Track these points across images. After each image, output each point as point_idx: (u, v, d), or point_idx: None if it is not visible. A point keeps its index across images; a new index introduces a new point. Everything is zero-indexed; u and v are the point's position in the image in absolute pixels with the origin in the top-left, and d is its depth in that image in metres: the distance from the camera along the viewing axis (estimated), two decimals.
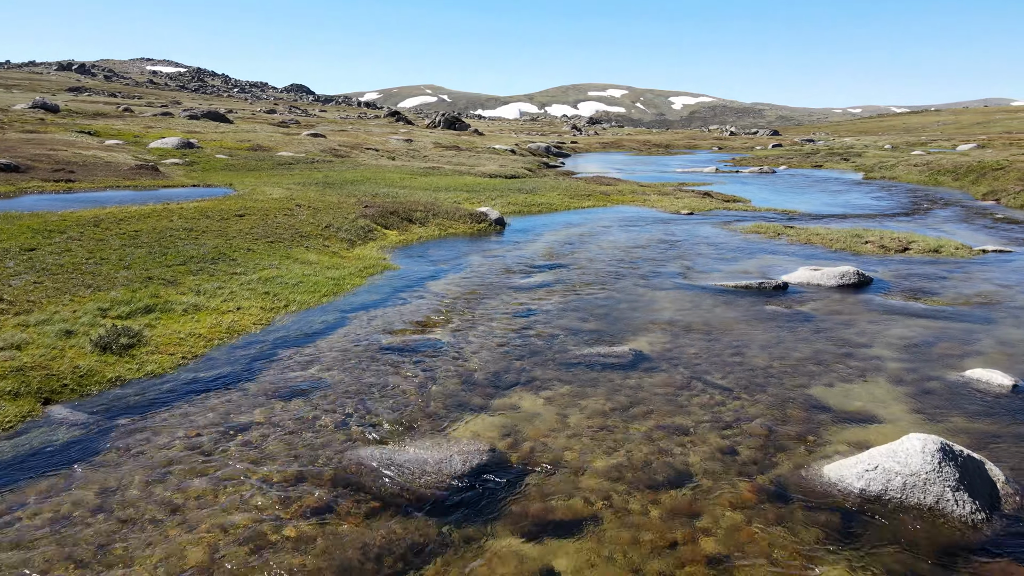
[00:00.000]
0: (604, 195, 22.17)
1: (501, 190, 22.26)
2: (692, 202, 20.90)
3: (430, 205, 16.98)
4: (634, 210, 19.71)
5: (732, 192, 25.53)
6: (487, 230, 15.87)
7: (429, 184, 22.94)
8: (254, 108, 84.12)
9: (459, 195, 20.30)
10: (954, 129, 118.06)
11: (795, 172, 36.41)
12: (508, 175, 28.73)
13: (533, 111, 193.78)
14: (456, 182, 23.92)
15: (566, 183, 25.16)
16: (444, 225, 15.71)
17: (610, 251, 13.40)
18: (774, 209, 20.27)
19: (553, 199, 20.79)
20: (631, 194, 22.77)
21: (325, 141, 36.79)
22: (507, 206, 19.22)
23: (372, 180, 23.21)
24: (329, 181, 22.14)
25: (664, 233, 15.65)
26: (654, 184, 27.33)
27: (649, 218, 18.13)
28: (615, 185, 25.32)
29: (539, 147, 48.95)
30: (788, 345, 7.79)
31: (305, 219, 14.15)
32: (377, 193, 19.29)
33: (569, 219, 17.80)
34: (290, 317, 8.52)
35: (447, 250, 13.47)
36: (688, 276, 11.26)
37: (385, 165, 29.85)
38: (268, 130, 41.81)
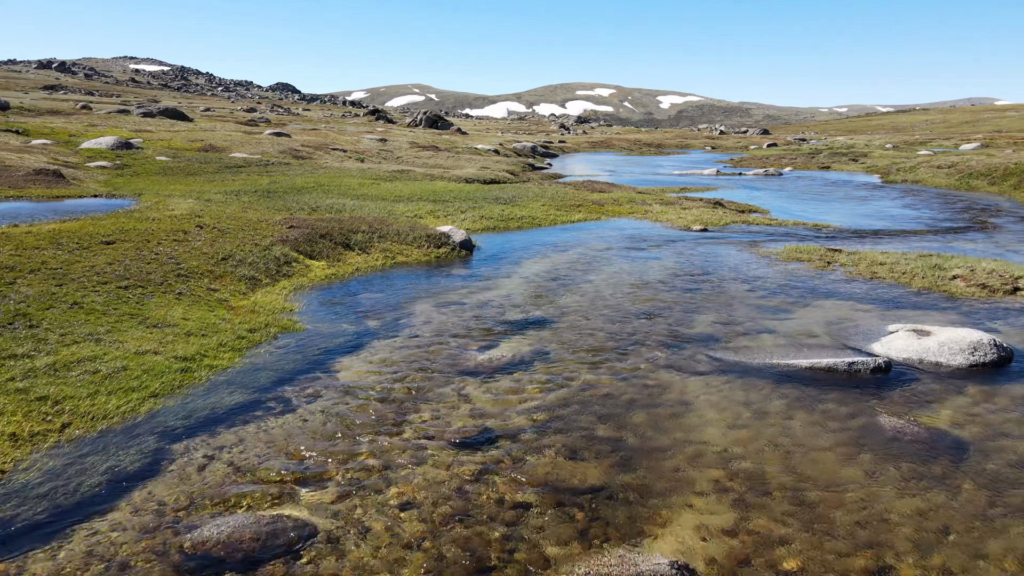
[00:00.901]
0: (597, 205, 18.36)
1: (475, 199, 18.41)
2: (703, 214, 17.14)
3: (379, 223, 13.11)
4: (634, 225, 15.91)
5: (743, 199, 21.82)
6: (449, 257, 12.02)
7: (391, 192, 19.07)
8: (234, 107, 79.78)
9: (423, 207, 16.43)
10: (943, 128, 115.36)
11: (803, 174, 32.77)
12: (487, 180, 24.85)
13: (521, 110, 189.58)
14: (424, 189, 20.05)
15: (553, 190, 21.34)
16: (392, 251, 11.84)
17: (611, 292, 9.60)
18: (802, 223, 16.53)
19: (537, 211, 16.97)
20: (629, 203, 18.98)
21: (288, 141, 32.79)
22: (480, 221, 15.38)
23: (324, 187, 19.31)
24: (272, 189, 18.23)
25: (678, 260, 11.86)
26: (653, 190, 23.57)
27: (655, 236, 14.34)
28: (609, 192, 21.52)
29: (525, 147, 45.10)
30: (964, 540, 4.01)
31: (199, 247, 10.25)
32: (319, 206, 15.39)
33: (556, 238, 13.99)
34: (43, 461, 4.64)
35: (387, 292, 9.61)
36: (730, 341, 7.45)
37: (348, 168, 25.92)
38: (230, 129, 37.72)
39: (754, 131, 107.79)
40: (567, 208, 17.70)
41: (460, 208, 16.68)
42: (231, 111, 66.68)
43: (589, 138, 68.99)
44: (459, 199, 18.34)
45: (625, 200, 19.51)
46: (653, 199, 20.00)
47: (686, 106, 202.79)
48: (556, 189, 21.53)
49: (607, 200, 19.34)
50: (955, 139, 70.64)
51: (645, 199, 19.84)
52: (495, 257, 12.14)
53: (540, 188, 21.61)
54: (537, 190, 20.83)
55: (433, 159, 33.78)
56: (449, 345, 7.33)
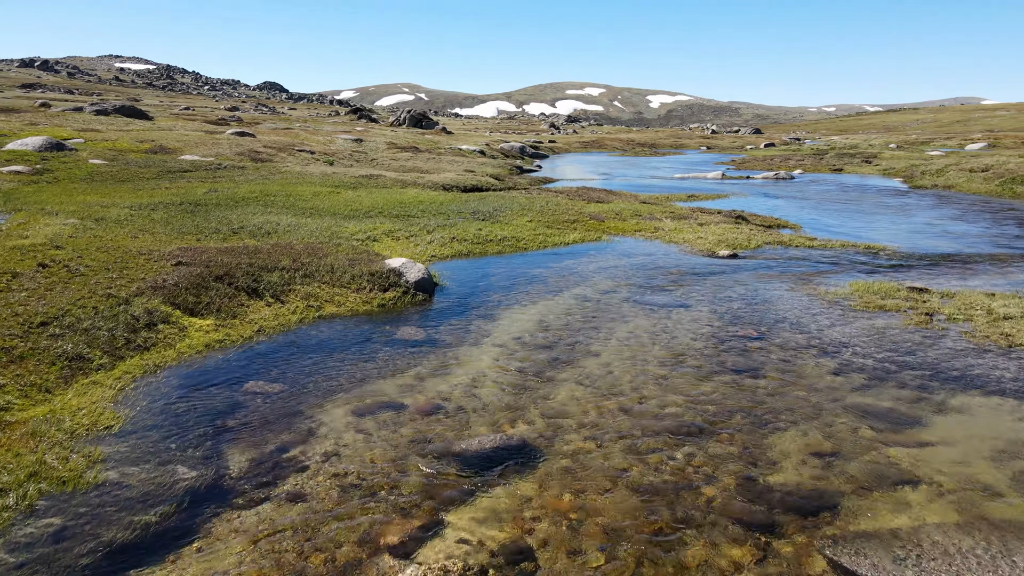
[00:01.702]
0: (596, 221, 14.93)
1: (449, 213, 14.95)
2: (726, 232, 13.74)
3: (310, 253, 9.62)
4: (645, 248, 12.49)
5: (762, 210, 18.48)
6: (399, 305, 8.54)
7: (349, 204, 15.58)
8: (217, 105, 75.84)
9: (381, 225, 12.94)
10: (935, 127, 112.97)
11: (815, 178, 29.47)
12: (467, 186, 21.37)
13: (511, 109, 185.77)
14: (390, 200, 16.57)
15: (542, 199, 17.90)
16: (319, 297, 8.36)
17: (631, 379, 6.16)
18: (849, 243, 13.16)
19: (523, 229, 13.52)
20: (634, 217, 15.56)
21: (250, 142, 29.17)
22: (450, 245, 11.92)
23: (270, 198, 15.81)
24: (203, 201, 14.73)
25: (715, 309, 8.44)
26: (657, 198, 20.17)
27: (674, 266, 10.93)
28: (608, 202, 18.11)
29: (513, 147, 41.61)
30: None
31: (16, 301, 6.73)
32: (245, 226, 11.88)
33: (547, 269, 10.55)
34: None
35: (289, 379, 6.12)
36: (852, 521, 4.07)
37: (310, 173, 22.39)
38: (192, 128, 33.98)
39: (746, 130, 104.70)
40: (560, 225, 14.26)
41: (427, 226, 13.20)
42: (212, 109, 62.76)
43: (580, 138, 65.56)
44: (429, 213, 14.87)
45: (629, 213, 16.09)
46: (661, 211, 16.59)
47: (676, 105, 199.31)
48: (546, 199, 18.08)
49: (607, 213, 15.91)
50: (956, 139, 67.66)
51: (652, 211, 16.41)
52: (463, 304, 8.68)
53: (528, 198, 18.16)
54: (524, 200, 17.37)
55: (411, 161, 30.25)
56: (355, 530, 3.89)
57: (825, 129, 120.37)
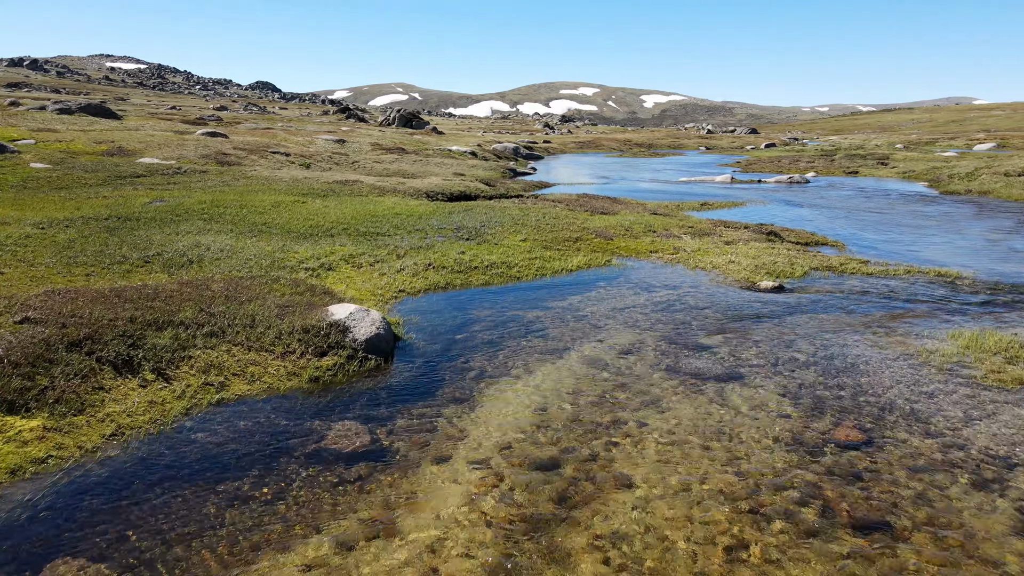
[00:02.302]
0: (603, 239, 12.39)
1: (427, 230, 12.40)
2: (761, 253, 11.23)
3: (230, 296, 7.07)
4: (667, 277, 9.98)
5: (787, 220, 16.02)
6: (340, 378, 5.98)
7: (311, 217, 13.04)
8: (207, 104, 73.03)
9: (340, 248, 10.38)
10: (930, 127, 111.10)
11: (832, 182, 27.01)
12: (454, 194, 18.80)
13: (505, 109, 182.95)
14: (361, 212, 14.02)
15: (539, 210, 15.37)
16: (225, 369, 5.81)
17: (685, 552, 3.71)
18: (914, 268, 10.65)
19: (515, 251, 10.98)
20: (647, 234, 13.04)
21: (220, 143, 26.52)
22: (424, 275, 9.37)
23: (220, 209, 13.26)
24: (138, 214, 12.19)
25: (784, 385, 5.91)
26: (668, 206, 17.66)
27: (709, 306, 8.42)
28: (615, 213, 15.60)
29: (506, 148, 39.04)
30: None
31: None
32: (168, 251, 9.30)
33: (545, 312, 8.02)
34: None
35: (129, 543, 3.63)
36: None
37: (279, 178, 19.80)
38: (161, 128, 31.25)
39: (742, 130, 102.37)
40: (560, 244, 11.72)
41: (399, 248, 10.65)
42: (199, 109, 59.91)
43: (576, 138, 63.03)
44: (405, 229, 12.33)
45: (641, 228, 13.56)
46: (678, 225, 14.06)
47: (670, 105, 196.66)
48: (543, 209, 15.54)
49: (615, 228, 13.38)
50: (961, 139, 65.38)
51: (668, 226, 13.89)
52: (431, 374, 6.14)
53: (522, 208, 15.61)
54: (517, 212, 14.83)
55: (395, 164, 27.66)
56: None
57: (821, 129, 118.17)
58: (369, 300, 8.22)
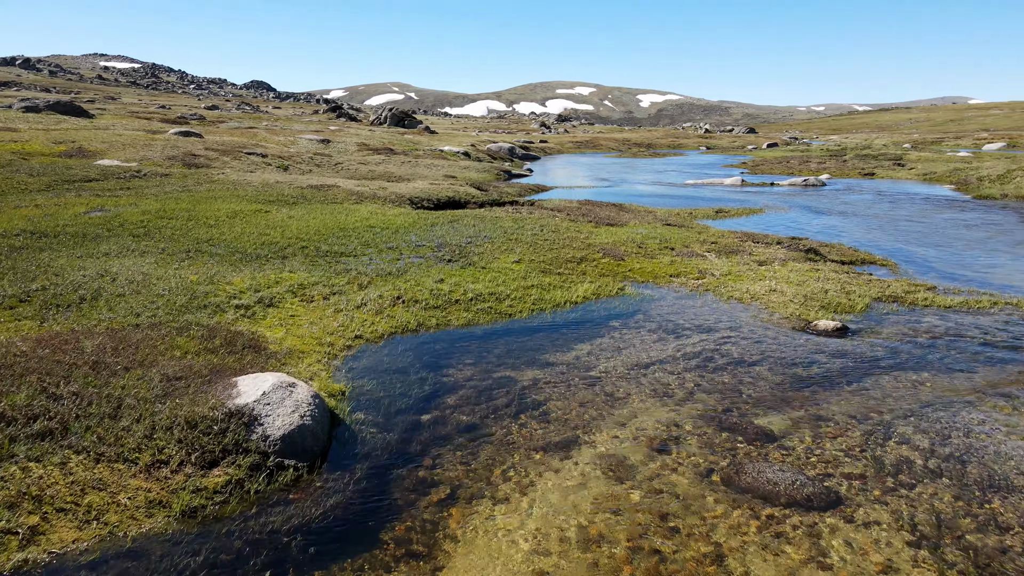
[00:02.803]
0: (613, 258, 10.27)
1: (403, 247, 10.28)
2: (805, 278, 9.14)
3: (103, 364, 4.94)
4: (696, 312, 7.88)
5: (818, 231, 13.96)
6: (231, 506, 3.90)
7: (267, 232, 10.91)
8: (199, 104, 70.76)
9: (291, 276, 8.25)
10: (928, 126, 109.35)
11: (850, 184, 24.94)
12: (441, 200, 16.65)
13: (501, 109, 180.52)
14: (329, 224, 11.90)
15: (536, 222, 13.26)
16: (48, 500, 3.69)
17: None
18: (1001, 299, 8.58)
19: (507, 275, 8.87)
20: (664, 250, 10.93)
21: (192, 144, 24.33)
22: (389, 312, 7.26)
23: (165, 222, 11.15)
24: (66, 228, 10.08)
25: (903, 514, 3.85)
26: (680, 214, 15.56)
27: (758, 357, 6.34)
28: (623, 224, 13.51)
29: (501, 149, 36.90)
30: None
31: None
32: (58, 283, 7.14)
33: (544, 373, 5.91)
34: None
35: None
36: None
37: (248, 183, 17.66)
38: (134, 127, 28.99)
39: (739, 129, 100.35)
40: (562, 267, 9.60)
41: (364, 274, 8.53)
42: (190, 108, 57.57)
43: (573, 137, 60.88)
44: (376, 247, 10.21)
45: (655, 243, 11.44)
46: (697, 239, 11.96)
47: (666, 104, 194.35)
48: (541, 220, 13.43)
49: (626, 244, 11.26)
50: (966, 138, 63.42)
51: (687, 241, 11.77)
52: (377, 497, 4.04)
53: (516, 219, 13.48)
54: (511, 224, 12.71)
55: (382, 166, 25.51)
56: None
57: (818, 128, 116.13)
58: (312, 354, 6.12)
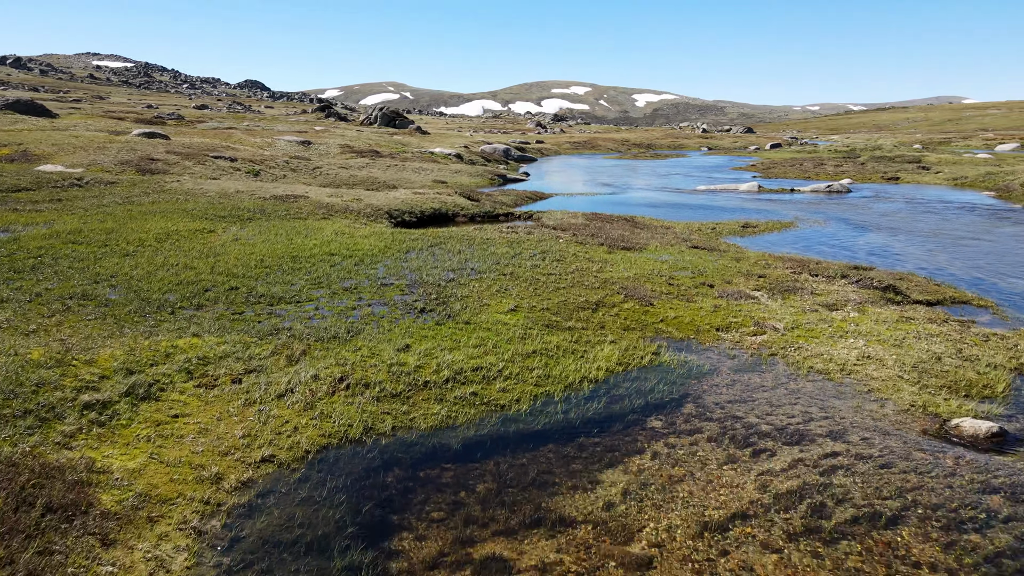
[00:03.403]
0: (637, 300, 7.78)
1: (364, 288, 7.78)
2: (901, 333, 6.69)
3: None
4: (767, 394, 5.43)
5: (868, 253, 11.55)
6: None
7: (196, 262, 8.41)
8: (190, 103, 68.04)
9: (190, 342, 5.76)
10: (927, 126, 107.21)
11: (875, 190, 22.53)
12: (424, 213, 14.13)
13: (496, 108, 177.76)
14: (281, 249, 9.40)
15: (536, 244, 10.77)
16: None
17: None
18: None
19: (499, 335, 6.40)
20: (701, 289, 8.45)
21: (155, 146, 21.76)
22: (326, 406, 4.78)
23: (71, 246, 8.68)
24: None
25: None
26: (702, 228, 13.12)
27: (894, 500, 3.90)
28: (643, 249, 11.02)
29: (496, 150, 34.37)
30: None
31: None
32: None
33: (562, 550, 3.51)
34: None
35: None
36: None
37: (203, 192, 15.13)
38: (97, 128, 26.34)
39: (737, 129, 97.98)
40: (573, 317, 7.12)
41: (298, 337, 6.03)
42: (178, 107, 54.83)
43: (570, 138, 58.36)
44: (329, 287, 7.72)
45: (687, 276, 8.97)
46: (737, 270, 9.49)
47: (661, 104, 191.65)
48: (543, 243, 10.95)
49: (652, 280, 8.78)
50: (975, 139, 61.13)
51: (726, 272, 9.29)
52: None
53: (513, 243, 10.98)
54: (506, 250, 10.21)
55: (364, 171, 22.99)
56: None
57: (816, 128, 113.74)
58: (179, 506, 3.66)
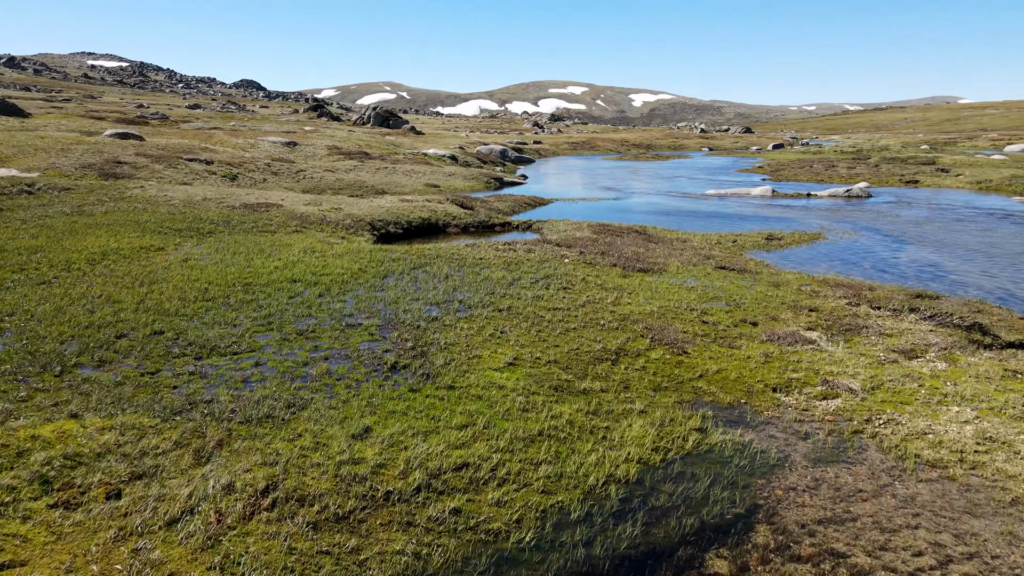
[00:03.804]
0: (668, 347, 6.16)
1: (320, 335, 6.14)
2: (1015, 399, 5.16)
3: None
4: (863, 503, 3.82)
5: (916, 272, 9.95)
6: None
7: (121, 293, 6.73)
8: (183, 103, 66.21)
9: (62, 427, 4.09)
10: (925, 126, 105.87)
11: (897, 195, 20.95)
12: (411, 223, 12.48)
13: (493, 108, 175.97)
14: (236, 273, 7.74)
15: (537, 267, 9.14)
16: None
17: None
18: None
19: (491, 406, 4.75)
20: (742, 328, 6.83)
21: (124, 148, 20.05)
22: (233, 543, 3.20)
23: None
24: None
25: None
26: (724, 242, 11.52)
27: None
28: (663, 271, 9.38)
29: (492, 151, 32.73)
30: None
31: None
32: None
33: None
34: None
35: None
36: None
37: (169, 199, 13.46)
38: (68, 128, 24.60)
39: (736, 129, 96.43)
40: (587, 372, 5.47)
41: (217, 421, 4.40)
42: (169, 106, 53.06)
43: (568, 138, 56.71)
44: (279, 331, 6.08)
45: (721, 309, 7.35)
46: (779, 299, 7.86)
47: (658, 104, 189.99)
48: (545, 265, 9.31)
49: (679, 315, 7.16)
50: (981, 138, 59.70)
51: (766, 302, 7.65)
52: None
53: (511, 264, 9.33)
54: (502, 274, 8.57)
55: (352, 174, 21.35)
56: None
57: (813, 128, 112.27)
58: None
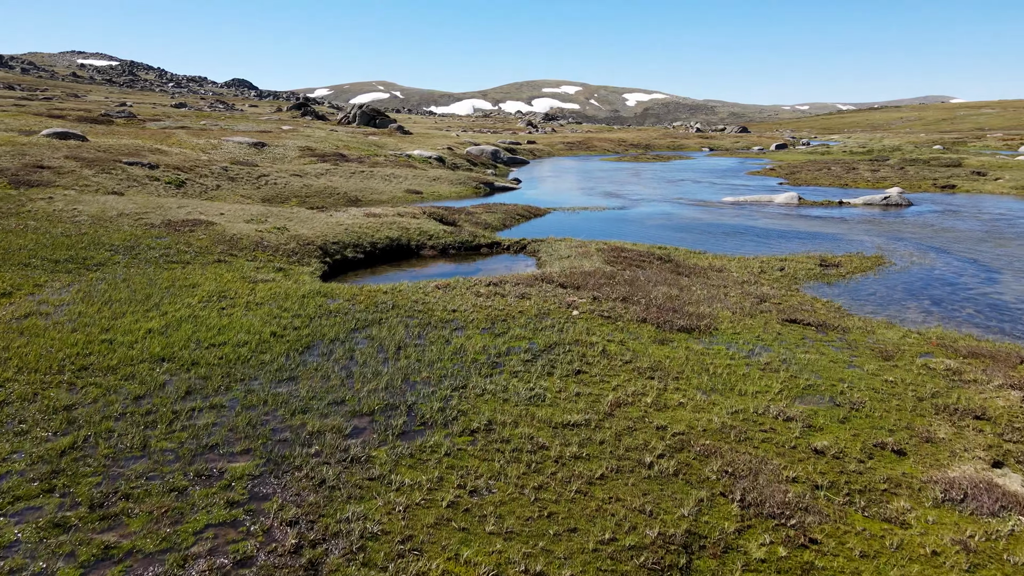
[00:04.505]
0: (777, 523, 3.47)
1: (115, 530, 3.45)
2: None
3: None
4: None
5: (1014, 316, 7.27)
6: None
7: None
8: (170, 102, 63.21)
9: None
10: (922, 125, 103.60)
11: (938, 202, 18.30)
12: (376, 246, 9.67)
13: (487, 107, 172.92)
14: (84, 342, 4.96)
15: (530, 327, 6.37)
16: None
17: None
18: None
19: None
20: (875, 456, 4.13)
21: (59, 148, 17.15)
22: None
23: None
24: None
25: None
26: (768, 271, 8.84)
27: None
28: (713, 331, 6.64)
29: (484, 152, 29.93)
30: None
31: None
32: None
33: None
34: None
35: None
36: None
37: (73, 216, 10.62)
38: (11, 125, 21.69)
39: (732, 128, 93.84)
40: None
41: None
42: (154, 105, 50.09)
43: (563, 138, 53.93)
44: (60, 496, 3.34)
45: (825, 412, 4.64)
46: (916, 396, 5.16)
47: (652, 103, 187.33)
48: (543, 319, 6.55)
49: (771, 433, 4.43)
50: (986, 139, 57.33)
51: (900, 405, 4.93)
52: None
53: (492, 321, 6.57)
54: (483, 343, 5.79)
55: (322, 179, 18.58)
56: None
57: (809, 127, 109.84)
58: None
